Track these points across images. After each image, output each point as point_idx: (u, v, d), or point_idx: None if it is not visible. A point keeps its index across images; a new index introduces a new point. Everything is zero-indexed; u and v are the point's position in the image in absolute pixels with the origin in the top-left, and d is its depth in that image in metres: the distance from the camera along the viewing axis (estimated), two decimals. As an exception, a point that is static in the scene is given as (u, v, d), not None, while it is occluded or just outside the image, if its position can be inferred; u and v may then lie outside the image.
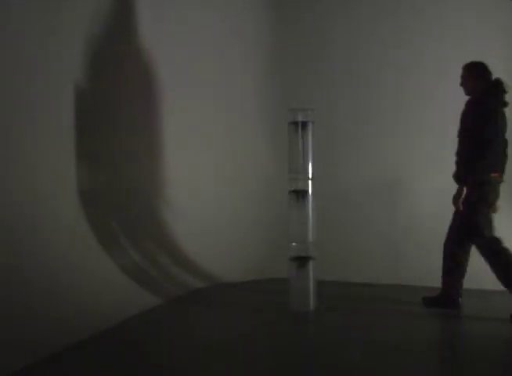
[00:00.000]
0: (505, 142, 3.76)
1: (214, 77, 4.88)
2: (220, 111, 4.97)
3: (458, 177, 3.70)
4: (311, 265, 3.76)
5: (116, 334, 3.23)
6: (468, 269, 4.43)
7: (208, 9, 4.85)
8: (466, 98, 3.78)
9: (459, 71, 4.85)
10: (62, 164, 3.71)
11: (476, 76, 3.74)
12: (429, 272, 4.53)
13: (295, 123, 3.77)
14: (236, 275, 4.67)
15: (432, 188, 4.81)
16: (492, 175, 3.64)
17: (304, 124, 3.77)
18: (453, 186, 4.91)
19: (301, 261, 3.75)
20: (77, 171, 3.84)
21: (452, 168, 4.88)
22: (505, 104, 3.69)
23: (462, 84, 3.80)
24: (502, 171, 3.75)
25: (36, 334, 2.88)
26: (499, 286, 4.30)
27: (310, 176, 3.79)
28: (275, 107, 5.16)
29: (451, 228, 3.87)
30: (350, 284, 4.22)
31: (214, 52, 4.91)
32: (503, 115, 3.68)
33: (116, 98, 4.17)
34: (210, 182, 4.78)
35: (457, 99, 4.79)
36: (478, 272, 4.41)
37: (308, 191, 3.77)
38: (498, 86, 3.66)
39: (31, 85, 3.37)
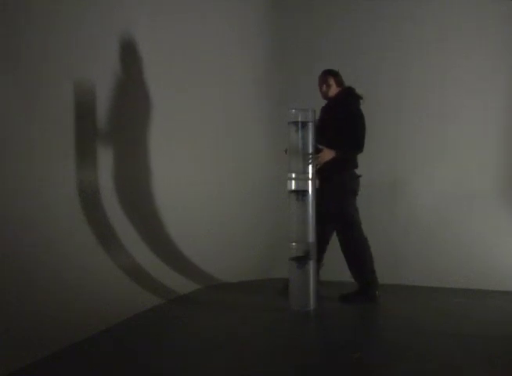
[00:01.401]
0: None
1: (214, 77, 4.88)
2: (220, 111, 4.98)
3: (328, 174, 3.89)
4: (311, 265, 3.76)
5: (116, 334, 3.22)
6: (467, 269, 4.44)
7: (208, 9, 4.85)
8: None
9: (460, 71, 4.86)
10: (62, 164, 3.71)
11: (337, 83, 4.06)
12: (429, 272, 4.54)
13: (295, 123, 3.77)
14: (236, 275, 4.67)
15: (432, 188, 4.82)
16: (355, 170, 3.98)
17: (304, 124, 3.76)
18: (453, 186, 4.93)
19: (301, 261, 3.75)
20: (78, 171, 3.84)
21: (452, 168, 4.89)
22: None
23: (322, 90, 4.06)
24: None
25: (36, 334, 2.88)
26: (499, 286, 4.32)
27: (310, 176, 3.78)
28: (275, 107, 5.16)
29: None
30: (350, 284, 4.20)
31: (214, 52, 4.91)
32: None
33: (116, 97, 4.17)
34: (211, 182, 4.78)
35: (457, 100, 4.82)
36: (478, 272, 4.42)
37: (308, 191, 3.77)
38: (354, 93, 4.02)
39: (31, 85, 3.37)
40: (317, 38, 5.18)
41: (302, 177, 3.77)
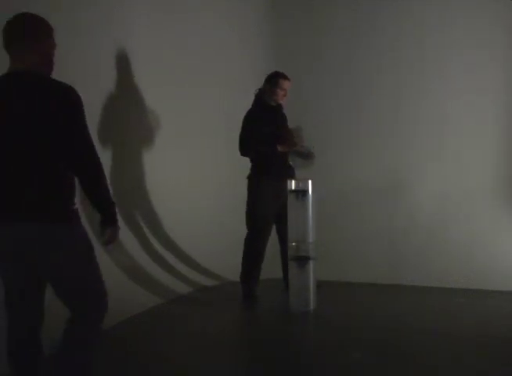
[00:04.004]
0: None
1: (214, 77, 4.88)
2: (220, 111, 4.97)
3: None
4: (311, 265, 3.76)
5: (116, 334, 3.22)
6: (467, 269, 4.44)
7: (208, 9, 4.85)
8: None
9: (460, 70, 4.85)
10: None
11: None
12: (429, 272, 4.54)
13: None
14: (236, 275, 4.67)
15: (431, 188, 4.82)
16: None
17: None
18: (453, 187, 4.92)
19: (301, 261, 3.75)
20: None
21: (451, 168, 4.88)
22: None
23: (283, 95, 4.11)
24: None
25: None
26: (499, 286, 4.32)
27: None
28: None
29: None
30: (350, 284, 4.22)
31: (214, 52, 4.91)
32: None
33: (116, 97, 4.17)
34: (211, 181, 4.78)
35: (457, 100, 4.81)
36: (478, 272, 4.42)
37: (308, 191, 3.77)
38: None
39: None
40: (317, 38, 5.17)
41: (302, 177, 3.78)
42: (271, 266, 4.70)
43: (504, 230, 4.63)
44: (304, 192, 3.76)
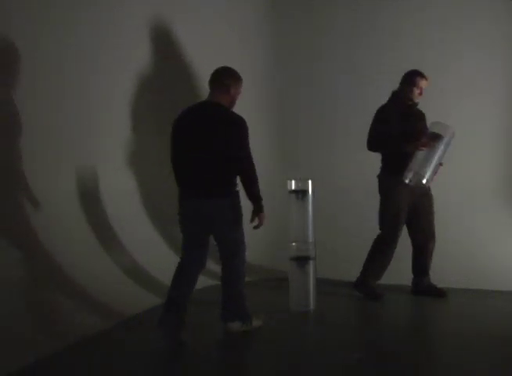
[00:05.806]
0: None
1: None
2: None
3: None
4: (311, 265, 3.76)
5: (116, 334, 3.23)
6: (467, 269, 4.44)
7: (208, 9, 4.85)
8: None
9: (459, 71, 4.84)
10: (62, 164, 3.71)
11: None
12: (429, 272, 4.54)
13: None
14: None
15: (432, 188, 4.81)
16: None
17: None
18: (453, 187, 4.91)
19: (301, 261, 3.75)
20: (78, 171, 3.84)
21: (452, 168, 4.88)
22: None
23: (417, 93, 4.01)
24: None
25: (36, 334, 2.89)
26: (499, 286, 4.31)
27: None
28: (275, 107, 5.16)
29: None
30: (350, 284, 4.21)
31: (214, 52, 4.91)
32: None
33: (117, 97, 4.17)
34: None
35: (457, 100, 4.81)
36: (478, 272, 4.42)
37: (308, 191, 3.77)
38: None
39: (31, 86, 3.37)
40: (317, 38, 5.18)
41: (302, 177, 3.78)
42: (272, 266, 4.71)
43: (504, 230, 4.63)
44: (304, 192, 3.76)
